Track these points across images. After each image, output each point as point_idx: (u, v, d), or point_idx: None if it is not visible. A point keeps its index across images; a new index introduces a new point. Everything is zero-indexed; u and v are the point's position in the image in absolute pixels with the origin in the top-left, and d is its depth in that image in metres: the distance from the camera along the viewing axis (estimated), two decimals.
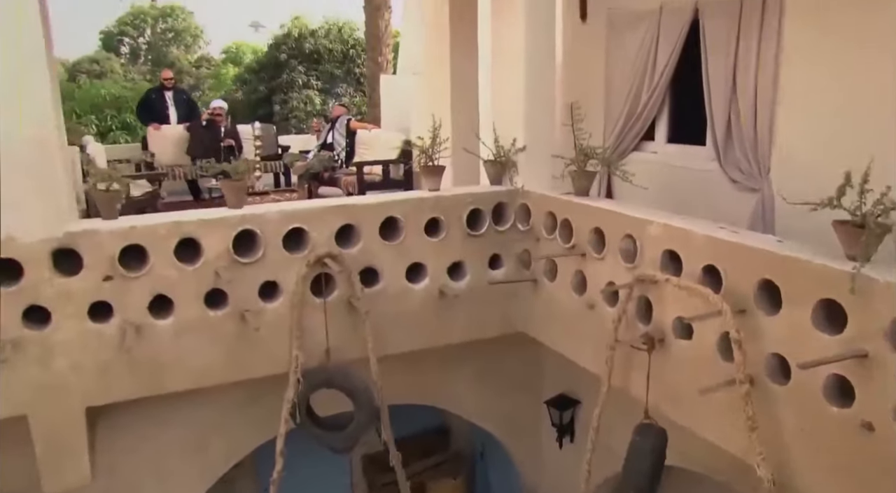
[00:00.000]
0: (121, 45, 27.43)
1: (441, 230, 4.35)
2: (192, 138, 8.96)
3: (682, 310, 3.28)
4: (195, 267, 3.78)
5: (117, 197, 3.66)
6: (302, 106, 20.67)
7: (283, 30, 21.23)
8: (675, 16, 4.80)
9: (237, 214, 3.85)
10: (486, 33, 5.18)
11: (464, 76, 5.72)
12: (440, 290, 4.39)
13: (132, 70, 24.88)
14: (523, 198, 4.52)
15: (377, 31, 14.11)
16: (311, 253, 3.99)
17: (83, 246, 3.55)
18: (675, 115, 5.27)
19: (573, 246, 4.09)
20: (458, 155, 4.88)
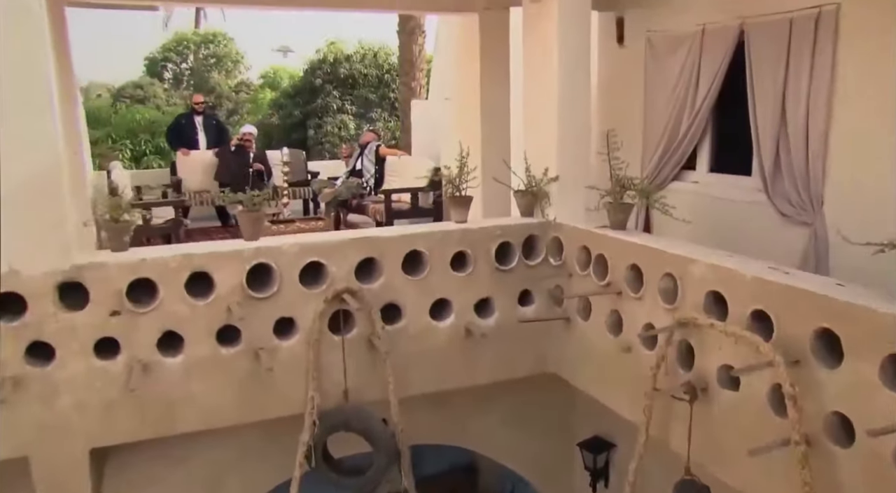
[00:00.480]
0: (164, 70, 27.88)
1: (468, 265, 4.14)
2: (220, 164, 8.92)
3: (728, 358, 3.01)
4: (207, 302, 3.61)
5: (126, 228, 3.51)
6: (336, 131, 20.69)
7: (319, 55, 21.29)
8: (719, 38, 4.56)
9: (252, 247, 3.69)
10: (518, 58, 4.99)
11: (494, 102, 5.54)
12: (466, 328, 4.17)
13: (174, 95, 25.35)
14: (555, 231, 4.29)
15: (410, 56, 14.06)
16: (329, 288, 3.81)
17: (90, 279, 3.41)
18: (718, 143, 5.02)
19: (608, 284, 3.84)
20: (488, 185, 4.67)
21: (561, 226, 4.27)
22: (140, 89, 24.91)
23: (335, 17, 56.22)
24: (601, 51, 5.62)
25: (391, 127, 20.51)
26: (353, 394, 3.93)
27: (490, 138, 5.47)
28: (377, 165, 8.33)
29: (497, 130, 5.51)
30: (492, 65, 5.47)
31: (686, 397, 3.20)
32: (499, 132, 5.49)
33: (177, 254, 3.57)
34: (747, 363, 2.84)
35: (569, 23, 4.17)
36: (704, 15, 4.69)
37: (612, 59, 5.62)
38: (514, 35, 5.28)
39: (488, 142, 5.45)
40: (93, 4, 6.81)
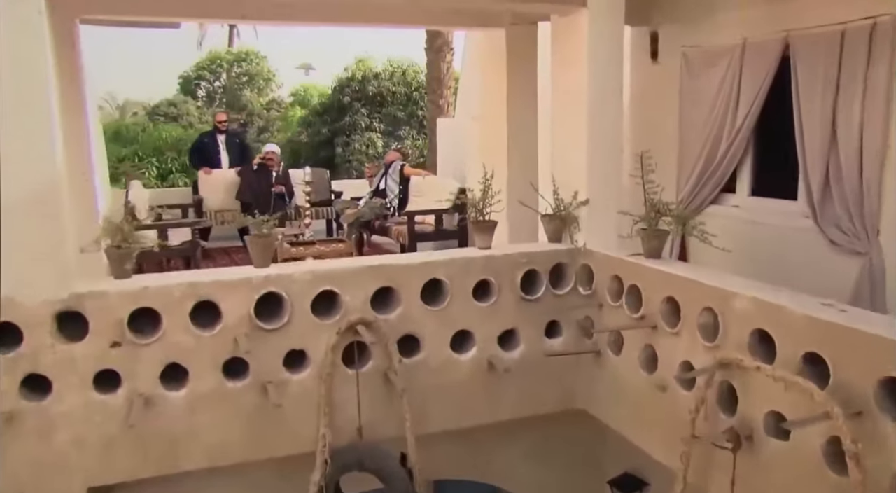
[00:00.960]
0: (198, 88, 28.34)
1: (491, 294, 3.92)
2: (242, 183, 8.82)
3: (777, 403, 2.74)
4: (213, 333, 3.43)
5: (128, 254, 3.35)
6: (364, 149, 20.66)
7: (347, 72, 21.32)
8: (762, 52, 4.31)
9: (261, 275, 3.50)
10: (546, 74, 4.78)
11: (521, 121, 5.33)
12: (489, 361, 3.94)
13: (207, 112, 25.68)
14: (585, 258, 4.05)
15: (438, 74, 13.94)
16: (343, 319, 3.61)
17: (90, 309, 3.25)
18: (759, 164, 4.73)
19: (642, 317, 3.59)
20: (514, 208, 4.45)
21: (591, 253, 4.03)
22: (174, 107, 25.50)
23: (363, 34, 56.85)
24: (633, 67, 5.38)
25: (419, 145, 20.41)
26: (368, 431, 3.72)
27: (516, 159, 5.25)
28: (401, 186, 8.15)
29: (524, 150, 5.30)
30: (519, 82, 5.26)
31: (728, 446, 2.93)
32: (526, 152, 5.27)
33: (181, 282, 3.40)
34: (799, 411, 2.57)
35: (600, 37, 3.96)
36: (745, 28, 4.44)
37: (645, 76, 5.38)
38: (543, 51, 5.07)
39: (515, 163, 5.23)
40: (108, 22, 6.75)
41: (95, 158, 5.67)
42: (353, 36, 52.44)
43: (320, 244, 6.63)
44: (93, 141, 4.94)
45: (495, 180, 4.06)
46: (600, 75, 4.00)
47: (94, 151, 4.83)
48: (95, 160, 5.55)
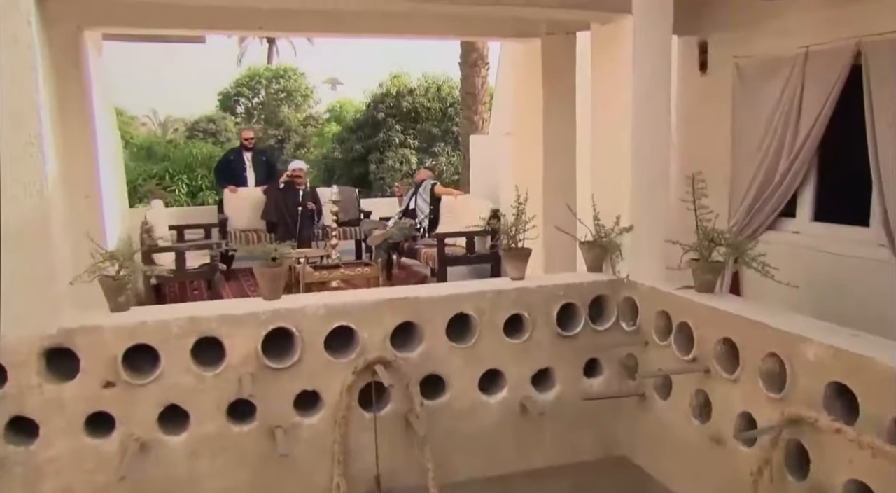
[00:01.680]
0: (237, 105, 28.90)
1: (525, 330, 3.59)
2: (267, 202, 8.60)
3: (859, 471, 2.36)
4: (216, 373, 3.15)
5: (123, 285, 3.08)
6: (398, 166, 20.51)
7: (382, 88, 21.22)
8: (828, 62, 3.93)
9: (270, 309, 3.21)
10: (586, 88, 4.45)
11: (558, 138, 5.00)
12: (522, 403, 3.60)
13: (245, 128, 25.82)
14: (629, 291, 3.70)
15: (473, 89, 13.67)
16: (359, 358, 3.31)
17: (80, 345, 2.99)
18: (824, 185, 4.32)
19: (694, 359, 3.21)
20: (550, 233, 4.12)
21: (635, 285, 3.67)
22: (213, 123, 25.88)
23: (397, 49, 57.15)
24: (680, 80, 5.03)
25: (454, 162, 20.22)
26: (387, 480, 3.41)
27: (553, 179, 4.92)
28: (432, 205, 7.85)
29: (561, 169, 4.96)
30: (556, 96, 4.94)
31: None
32: (563, 172, 4.93)
33: (181, 317, 3.12)
34: (890, 484, 2.17)
35: (646, 47, 3.63)
36: (808, 35, 4.06)
37: (693, 90, 5.02)
38: (581, 62, 4.74)
39: (551, 183, 4.90)
40: (130, 37, 6.62)
41: (109, 177, 5.48)
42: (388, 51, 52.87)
43: (345, 268, 6.35)
44: (103, 159, 4.74)
45: (530, 202, 3.74)
46: (646, 88, 3.66)
47: (103, 168, 4.62)
48: (108, 179, 5.36)
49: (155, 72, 54.12)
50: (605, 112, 3.94)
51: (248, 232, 8.64)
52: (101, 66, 6.52)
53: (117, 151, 6.46)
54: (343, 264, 6.54)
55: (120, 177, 6.37)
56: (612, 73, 3.83)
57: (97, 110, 5.07)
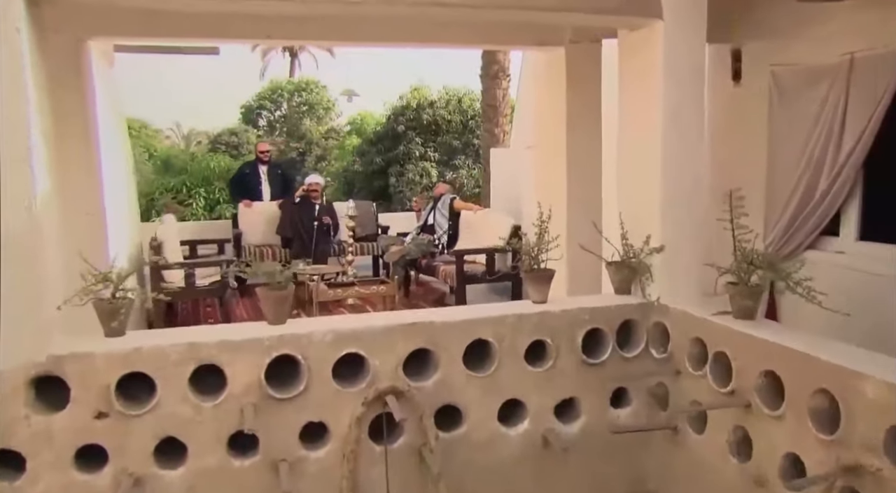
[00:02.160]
0: (259, 117, 29.40)
1: (547, 357, 3.37)
2: (282, 216, 8.43)
3: None
4: (216, 403, 2.96)
5: (117, 309, 2.90)
6: (418, 179, 20.40)
7: (402, 101, 21.15)
8: (875, 69, 3.69)
9: (274, 335, 3.02)
10: (612, 99, 4.23)
11: (583, 151, 4.78)
12: (544, 436, 3.37)
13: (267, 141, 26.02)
14: (659, 315, 3.46)
15: (494, 101, 13.50)
16: (370, 387, 3.10)
17: (71, 374, 2.81)
18: (871, 202, 4.06)
19: (732, 391, 2.97)
20: (574, 252, 3.89)
21: (666, 309, 3.44)
22: (235, 136, 26.12)
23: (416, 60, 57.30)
24: (712, 90, 4.76)
25: (475, 175, 20.08)
26: None
27: (577, 195, 4.70)
28: (451, 221, 7.65)
29: (586, 184, 4.74)
30: (580, 107, 4.72)
31: None
32: (588, 187, 4.71)
33: (179, 343, 2.93)
34: None
35: (678, 54, 3.42)
36: (852, 41, 3.82)
37: (725, 100, 4.78)
38: (608, 72, 4.52)
39: (575, 199, 4.68)
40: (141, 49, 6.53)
41: (116, 192, 5.34)
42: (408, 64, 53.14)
43: (360, 285, 6.16)
44: (109, 173, 4.59)
45: (553, 219, 3.52)
46: (678, 98, 3.44)
47: (109, 183, 4.47)
48: (115, 194, 5.22)
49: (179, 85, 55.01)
50: (634, 124, 3.72)
51: (263, 247, 8.49)
52: (113, 78, 6.42)
53: (128, 166, 6.33)
54: (358, 282, 6.35)
55: (131, 192, 6.24)
56: (641, 83, 3.61)
57: (104, 124, 4.94)
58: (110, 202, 4.58)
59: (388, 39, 4.62)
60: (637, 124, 3.68)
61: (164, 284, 5.88)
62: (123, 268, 3.14)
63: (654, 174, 3.54)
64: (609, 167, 4.54)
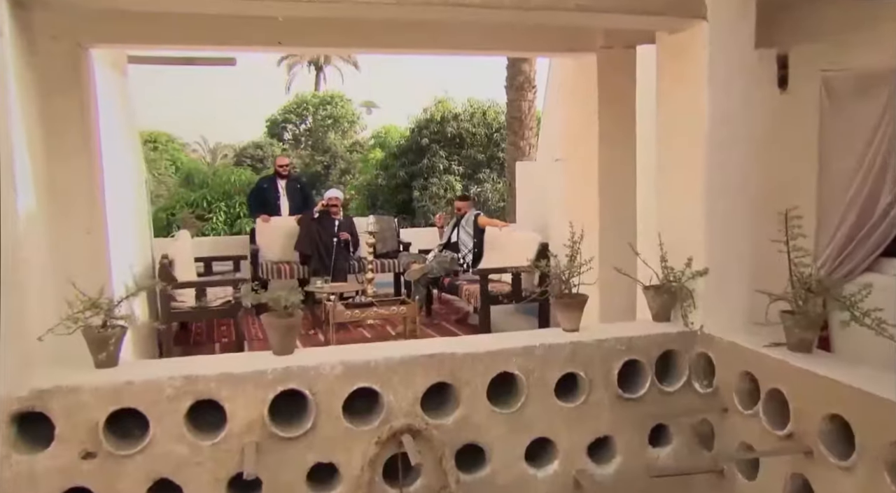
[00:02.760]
0: (284, 131, 29.68)
1: (580, 391, 3.10)
2: (300, 232, 8.20)
3: None
4: (215, 442, 2.71)
5: (108, 338, 2.67)
6: (442, 193, 20.22)
7: (426, 113, 21.02)
8: None
9: (279, 367, 2.76)
10: (647, 110, 3.95)
11: (616, 165, 4.49)
12: (576, 478, 3.09)
13: (293, 154, 26.53)
14: (703, 345, 3.17)
15: (519, 113, 13.28)
16: (384, 425, 2.84)
17: (56, 410, 2.58)
18: None
19: (790, 435, 2.66)
20: (606, 274, 3.59)
21: (711, 339, 3.14)
22: (260, 149, 26.25)
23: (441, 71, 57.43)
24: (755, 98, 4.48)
25: (500, 189, 19.86)
26: None
27: (610, 212, 4.41)
28: (475, 238, 7.35)
29: (619, 200, 4.44)
30: (613, 118, 4.44)
31: None
32: (622, 205, 4.41)
33: (175, 375, 2.68)
34: None
35: (724, 59, 3.14)
36: None
37: (770, 110, 4.46)
38: (643, 80, 4.24)
39: (608, 217, 4.39)
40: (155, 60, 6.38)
41: (123, 208, 5.16)
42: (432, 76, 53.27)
43: (380, 306, 5.90)
44: (114, 189, 4.39)
45: (584, 241, 3.24)
46: (724, 107, 3.15)
47: (113, 199, 4.26)
48: (121, 210, 5.03)
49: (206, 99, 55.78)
50: (674, 136, 3.43)
51: (280, 264, 8.26)
52: (126, 89, 6.26)
53: (139, 180, 6.15)
54: (378, 302, 6.09)
55: (141, 207, 6.05)
56: (683, 90, 3.33)
57: (110, 136, 4.76)
58: (115, 219, 4.38)
59: (408, 46, 4.38)
60: (678, 136, 3.39)
61: (176, 303, 5.67)
62: (129, 287, 2.92)
63: (697, 190, 3.25)
64: (644, 183, 4.26)
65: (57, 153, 3.35)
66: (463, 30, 4.25)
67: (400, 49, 4.53)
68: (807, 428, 2.58)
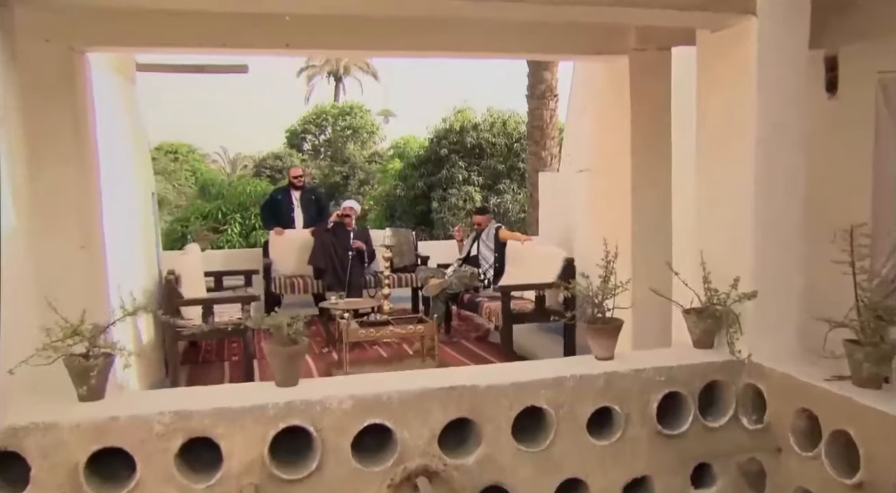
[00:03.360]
0: (303, 142, 29.89)
1: (614, 427, 2.81)
2: (314, 245, 7.94)
3: None
4: (209, 484, 2.46)
5: (89, 369, 2.41)
6: (461, 204, 20.01)
7: (445, 123, 20.83)
8: None
9: (282, 401, 2.50)
10: (684, 117, 3.66)
11: (650, 179, 4.19)
12: None
13: (312, 165, 26.64)
14: (752, 376, 2.87)
15: (540, 123, 12.97)
16: (398, 465, 2.56)
17: (32, 449, 2.33)
18: None
19: (860, 484, 2.35)
20: (640, 295, 3.29)
21: (761, 369, 2.84)
22: (279, 160, 26.32)
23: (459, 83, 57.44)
24: None
25: (520, 200, 19.61)
26: None
27: (644, 228, 4.11)
28: (497, 253, 7.04)
29: (654, 216, 4.14)
30: (647, 126, 4.15)
31: None
32: (656, 219, 4.11)
33: (165, 411, 2.42)
34: None
35: (775, 59, 2.86)
36: None
37: (817, 116, 4.14)
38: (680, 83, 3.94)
39: (642, 232, 4.09)
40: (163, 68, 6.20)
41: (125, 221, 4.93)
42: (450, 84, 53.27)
43: (396, 324, 5.62)
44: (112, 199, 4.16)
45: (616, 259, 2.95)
46: (776, 112, 2.87)
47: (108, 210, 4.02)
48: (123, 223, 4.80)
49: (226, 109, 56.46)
50: (717, 144, 3.14)
51: (294, 278, 7.99)
52: (134, 96, 6.06)
53: (147, 192, 5.92)
54: (394, 320, 5.81)
55: (147, 219, 5.82)
56: (726, 94, 3.04)
57: (113, 146, 4.54)
58: (115, 232, 4.15)
59: (427, 48, 4.12)
60: (721, 144, 3.10)
61: (182, 322, 5.43)
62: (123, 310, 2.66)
63: (744, 205, 2.96)
64: (681, 196, 3.96)
65: (46, 162, 3.13)
66: (485, 30, 3.99)
67: (418, 52, 4.27)
68: (881, 478, 2.27)
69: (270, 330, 2.58)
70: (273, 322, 2.61)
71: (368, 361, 6.03)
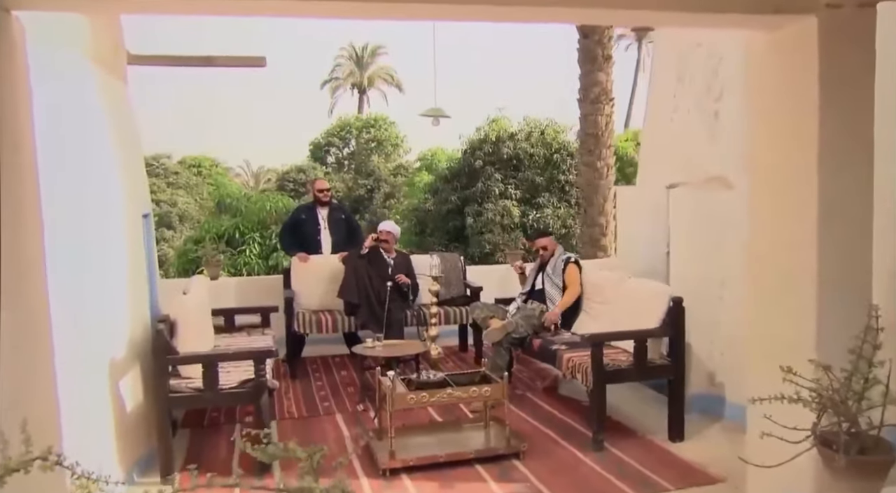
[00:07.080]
0: (327, 154, 30.24)
1: None
2: (346, 275, 6.72)
3: None
4: None
5: None
6: (498, 219, 19.01)
7: (479, 133, 19.85)
8: None
9: None
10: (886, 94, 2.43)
11: (847, 192, 2.90)
12: None
13: (335, 178, 26.57)
14: None
15: (595, 130, 11.80)
16: None
17: None
18: None
19: None
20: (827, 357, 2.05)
21: None
22: (302, 173, 26.06)
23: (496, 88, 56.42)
24: None
25: (561, 215, 18.57)
26: None
27: (836, 262, 2.83)
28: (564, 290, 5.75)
29: (852, 244, 2.87)
30: (842, 118, 2.87)
31: None
32: (855, 249, 2.86)
33: None
34: None
35: None
36: None
37: None
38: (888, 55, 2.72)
39: (832, 268, 2.81)
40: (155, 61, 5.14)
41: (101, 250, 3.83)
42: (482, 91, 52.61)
43: (455, 387, 4.42)
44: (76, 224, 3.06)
45: (788, 296, 1.74)
46: None
47: (62, 242, 2.90)
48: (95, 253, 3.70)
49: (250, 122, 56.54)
50: None
51: (321, 313, 6.77)
52: (124, 97, 4.97)
53: (137, 214, 4.78)
54: (451, 378, 4.59)
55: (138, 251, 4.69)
56: None
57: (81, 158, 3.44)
58: (69, 275, 3.01)
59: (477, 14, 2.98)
60: None
61: (178, 381, 4.27)
62: None
63: None
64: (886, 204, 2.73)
65: None
66: None
67: (472, 16, 3.15)
68: None
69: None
70: (291, 451, 1.44)
71: (417, 428, 4.83)
